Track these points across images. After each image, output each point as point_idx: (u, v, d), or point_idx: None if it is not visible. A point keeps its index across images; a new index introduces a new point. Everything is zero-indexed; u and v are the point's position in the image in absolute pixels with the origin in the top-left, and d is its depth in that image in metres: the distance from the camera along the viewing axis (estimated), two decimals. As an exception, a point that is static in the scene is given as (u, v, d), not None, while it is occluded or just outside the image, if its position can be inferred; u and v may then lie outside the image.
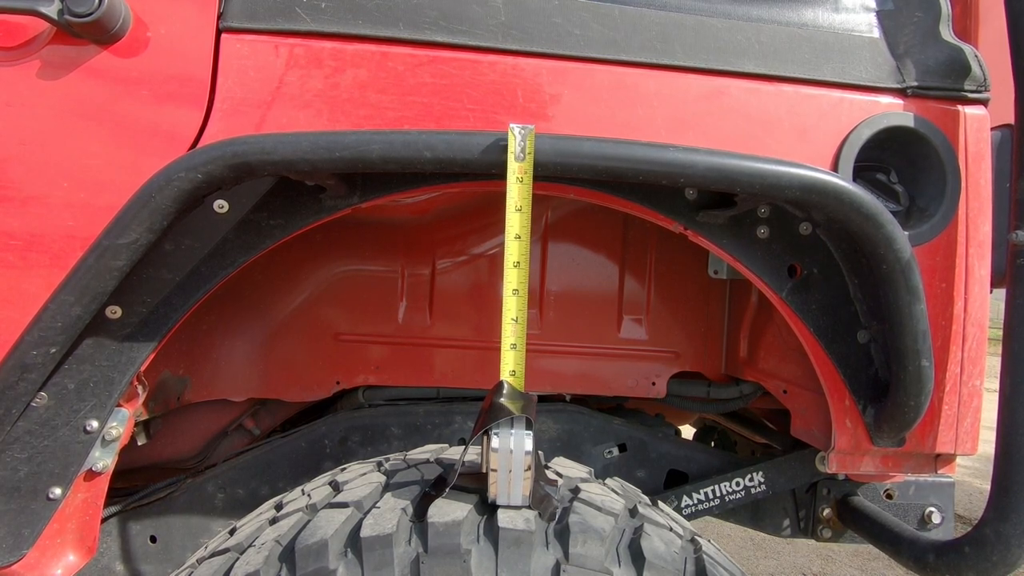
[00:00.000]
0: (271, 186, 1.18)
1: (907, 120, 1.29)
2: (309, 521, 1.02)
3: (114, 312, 1.15)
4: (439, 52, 1.20)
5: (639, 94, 1.24)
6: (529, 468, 0.99)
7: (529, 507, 1.00)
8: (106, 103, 1.13)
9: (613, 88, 1.23)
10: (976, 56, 1.32)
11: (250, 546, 1.03)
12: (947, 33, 1.33)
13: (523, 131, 1.06)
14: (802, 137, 1.28)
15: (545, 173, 1.09)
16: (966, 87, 1.31)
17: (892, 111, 1.30)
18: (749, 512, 1.87)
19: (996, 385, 1.27)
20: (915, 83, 1.31)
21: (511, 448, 0.99)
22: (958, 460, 1.48)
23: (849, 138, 1.28)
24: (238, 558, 1.00)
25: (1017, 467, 1.22)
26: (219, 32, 1.16)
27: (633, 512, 1.09)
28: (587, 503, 1.04)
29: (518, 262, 1.06)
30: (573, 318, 1.91)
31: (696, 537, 1.12)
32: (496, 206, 1.78)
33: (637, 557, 0.98)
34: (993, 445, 1.25)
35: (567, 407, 1.82)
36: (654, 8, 1.27)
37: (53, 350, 1.08)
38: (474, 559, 0.93)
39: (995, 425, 1.26)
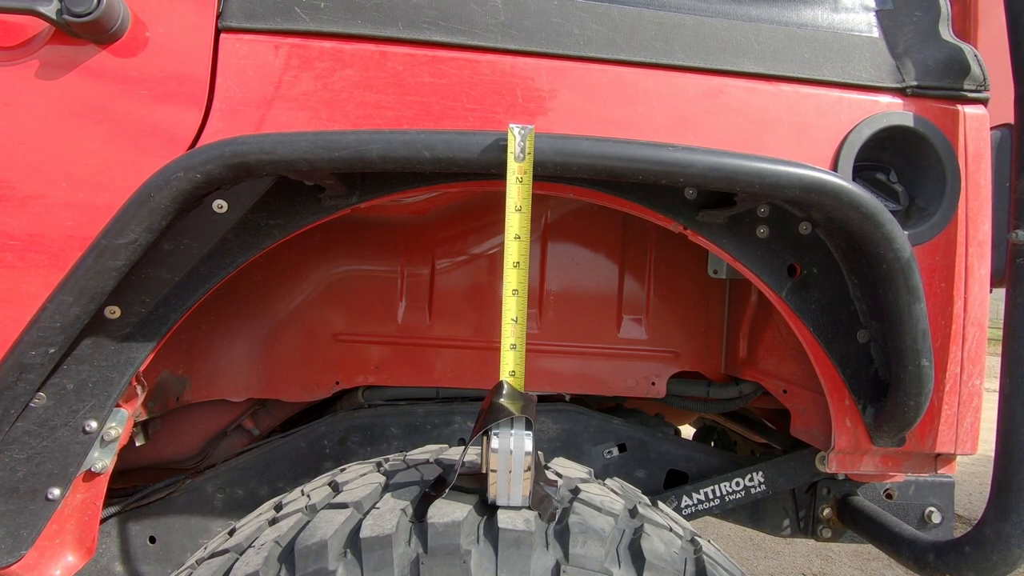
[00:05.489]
0: (270, 186, 1.17)
1: (907, 120, 1.29)
2: (309, 522, 1.02)
3: (113, 312, 1.15)
4: (438, 52, 1.20)
5: (638, 93, 1.24)
6: (529, 468, 0.99)
7: (529, 508, 1.00)
8: (105, 103, 1.13)
9: (612, 87, 1.23)
10: (976, 56, 1.32)
11: (249, 547, 1.03)
12: (947, 33, 1.33)
13: (523, 131, 1.06)
14: (801, 136, 1.28)
15: (545, 173, 1.09)
16: (966, 87, 1.31)
17: (892, 111, 1.30)
18: (749, 512, 1.86)
19: (996, 385, 1.27)
20: (915, 83, 1.31)
21: (511, 448, 0.99)
22: (958, 460, 1.48)
23: (849, 137, 1.28)
24: (237, 559, 1.00)
25: (1017, 467, 1.22)
26: (218, 32, 1.16)
27: (633, 512, 1.09)
28: (587, 503, 1.04)
29: (518, 262, 1.06)
30: (573, 318, 1.91)
31: (696, 537, 1.12)
32: (496, 206, 1.78)
33: (637, 557, 0.98)
34: (993, 445, 1.25)
35: (567, 407, 1.82)
36: (653, 8, 1.27)
37: (52, 350, 1.08)
38: (474, 560, 0.93)
39: (995, 425, 1.26)
